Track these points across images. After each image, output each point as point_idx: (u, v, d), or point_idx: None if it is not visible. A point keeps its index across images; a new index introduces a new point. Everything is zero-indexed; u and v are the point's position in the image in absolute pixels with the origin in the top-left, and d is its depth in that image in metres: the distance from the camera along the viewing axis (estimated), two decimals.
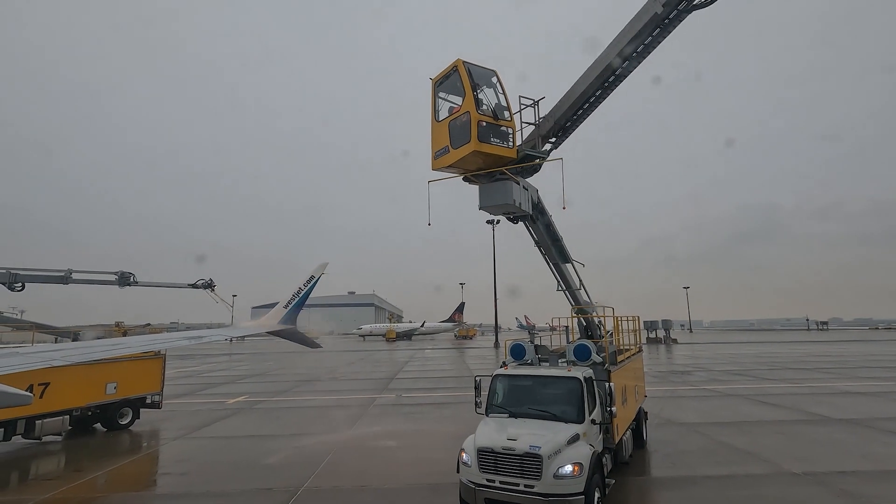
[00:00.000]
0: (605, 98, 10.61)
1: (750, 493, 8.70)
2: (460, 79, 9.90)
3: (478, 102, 9.68)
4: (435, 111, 10.62)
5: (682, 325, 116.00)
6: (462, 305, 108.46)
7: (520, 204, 10.17)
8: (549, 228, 11.11)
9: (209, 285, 17.77)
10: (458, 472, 7.47)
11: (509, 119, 10.18)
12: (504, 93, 10.35)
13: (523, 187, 10.42)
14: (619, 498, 8.42)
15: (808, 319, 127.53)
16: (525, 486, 6.71)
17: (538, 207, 10.98)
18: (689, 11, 9.54)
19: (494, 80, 10.35)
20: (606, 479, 7.94)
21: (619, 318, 11.50)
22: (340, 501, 8.78)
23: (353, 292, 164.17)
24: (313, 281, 11.76)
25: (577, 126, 10.94)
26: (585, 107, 10.67)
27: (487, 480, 6.98)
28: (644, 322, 56.52)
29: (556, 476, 6.62)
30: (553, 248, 11.12)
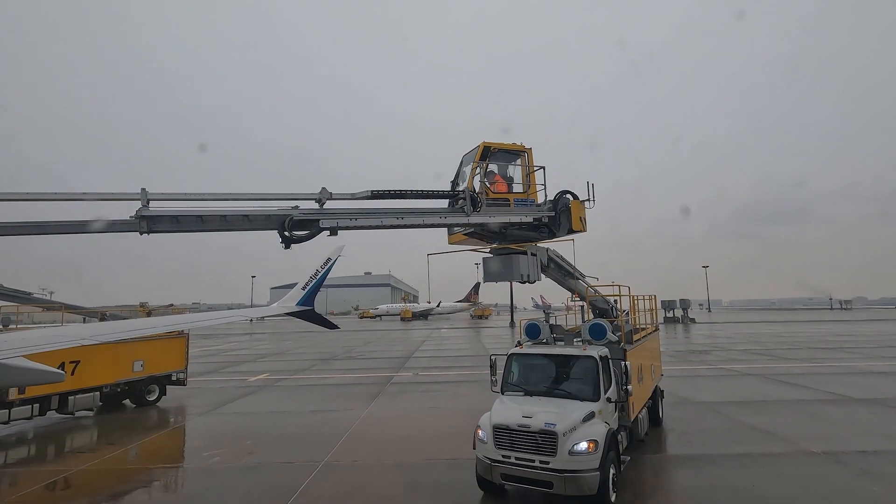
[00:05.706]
0: None
1: (768, 471, 8.67)
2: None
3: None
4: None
5: (701, 305, 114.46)
6: (478, 285, 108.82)
7: (528, 276, 10.07)
8: (561, 269, 11.02)
9: None
10: (474, 448, 7.60)
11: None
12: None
13: (531, 253, 10.21)
14: (635, 475, 8.48)
15: (830, 299, 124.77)
16: (540, 462, 6.80)
17: (549, 262, 10.81)
18: None
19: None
20: (622, 457, 7.99)
21: (636, 298, 11.39)
22: (359, 475, 9.04)
23: (370, 273, 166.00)
24: (330, 263, 11.93)
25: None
26: None
27: (503, 457, 7.09)
28: (661, 301, 56.00)
29: (572, 452, 6.69)
30: (565, 280, 11.11)
